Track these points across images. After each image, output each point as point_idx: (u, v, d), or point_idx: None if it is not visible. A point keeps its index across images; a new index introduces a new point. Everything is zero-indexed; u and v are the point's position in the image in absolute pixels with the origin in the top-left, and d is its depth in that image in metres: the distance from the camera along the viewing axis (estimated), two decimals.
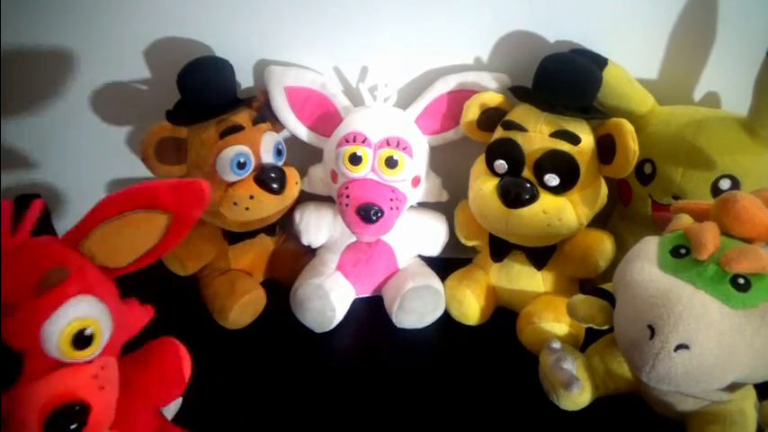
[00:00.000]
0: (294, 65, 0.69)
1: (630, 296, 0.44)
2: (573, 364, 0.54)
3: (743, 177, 0.56)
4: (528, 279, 0.66)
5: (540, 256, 0.65)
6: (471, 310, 0.66)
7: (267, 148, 0.66)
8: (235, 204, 0.63)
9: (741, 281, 0.41)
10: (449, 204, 0.72)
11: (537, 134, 0.59)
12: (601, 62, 0.62)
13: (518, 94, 0.63)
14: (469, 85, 0.66)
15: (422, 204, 0.72)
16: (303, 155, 0.71)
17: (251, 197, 0.63)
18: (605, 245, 0.61)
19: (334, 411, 0.58)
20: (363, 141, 0.64)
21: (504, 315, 0.68)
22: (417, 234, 0.72)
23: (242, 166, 0.63)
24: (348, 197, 0.64)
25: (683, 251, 0.44)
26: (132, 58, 0.70)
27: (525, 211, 0.58)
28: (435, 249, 0.73)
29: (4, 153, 0.78)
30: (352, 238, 0.70)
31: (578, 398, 0.54)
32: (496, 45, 0.67)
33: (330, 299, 0.65)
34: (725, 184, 0.57)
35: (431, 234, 0.72)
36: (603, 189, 0.62)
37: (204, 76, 0.63)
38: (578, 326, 0.60)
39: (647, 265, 0.45)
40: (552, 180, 0.58)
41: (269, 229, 0.71)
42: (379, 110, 0.68)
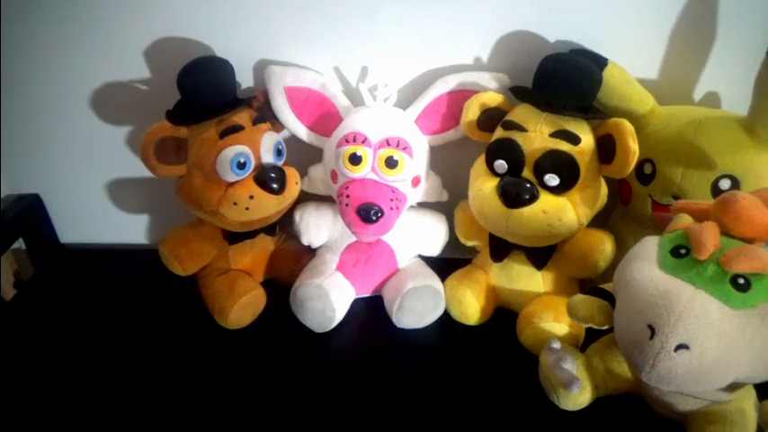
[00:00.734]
0: (294, 65, 0.69)
1: (630, 296, 0.44)
2: (573, 364, 0.54)
3: (743, 177, 0.56)
4: (528, 279, 0.66)
5: (540, 256, 0.65)
6: (471, 310, 0.66)
7: (267, 148, 0.66)
8: (235, 204, 0.63)
9: (741, 281, 0.41)
10: (449, 204, 0.72)
11: (537, 134, 0.59)
12: (601, 62, 0.62)
13: (518, 94, 0.63)
14: (469, 85, 0.66)
15: (422, 204, 0.72)
16: (303, 155, 0.71)
17: (251, 197, 0.63)
18: (605, 245, 0.61)
19: (335, 411, 0.58)
20: (363, 141, 0.64)
21: (504, 315, 0.68)
22: (417, 234, 0.72)
23: (242, 166, 0.63)
24: (348, 197, 0.64)
25: (683, 251, 0.44)
26: (132, 58, 0.70)
27: (525, 211, 0.58)
28: (435, 249, 0.73)
29: (4, 153, 0.78)
30: (352, 238, 0.70)
31: (578, 398, 0.54)
32: (496, 45, 0.67)
33: (330, 299, 0.65)
34: (725, 183, 0.57)
35: (431, 234, 0.72)
36: (603, 189, 0.62)
37: (204, 76, 0.63)
38: (578, 326, 0.60)
39: (646, 264, 0.45)
40: (552, 180, 0.58)
41: (269, 229, 0.71)
42: (379, 110, 0.68)
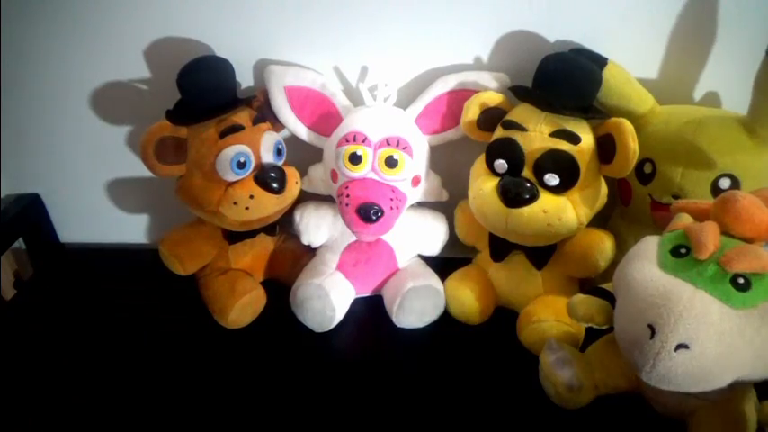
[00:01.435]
0: (294, 65, 0.69)
1: (631, 296, 0.44)
2: (572, 364, 0.54)
3: (743, 177, 0.56)
4: (528, 279, 0.66)
5: (540, 255, 0.65)
6: (471, 310, 0.66)
7: (267, 147, 0.66)
8: (235, 204, 0.63)
9: (741, 280, 0.41)
10: (449, 204, 0.72)
11: (537, 134, 0.59)
12: (601, 62, 0.62)
13: (518, 93, 0.63)
14: (469, 85, 0.66)
15: (422, 204, 0.72)
16: (303, 155, 0.71)
17: (251, 197, 0.63)
18: (605, 245, 0.61)
19: (335, 411, 0.58)
20: (363, 141, 0.64)
21: (504, 315, 0.68)
22: (417, 234, 0.72)
23: (242, 165, 0.63)
24: (348, 197, 0.64)
25: (683, 251, 0.44)
26: (132, 58, 0.70)
27: (525, 210, 0.58)
28: (435, 249, 0.73)
29: (4, 153, 0.78)
30: (352, 238, 0.70)
31: (578, 397, 0.54)
32: (496, 45, 0.67)
33: (330, 299, 0.65)
34: (725, 183, 0.57)
35: (431, 234, 0.72)
36: (603, 189, 0.62)
37: (204, 75, 0.63)
38: (578, 326, 0.60)
39: (647, 264, 0.45)
40: (552, 180, 0.58)
41: (269, 229, 0.71)
42: (379, 109, 0.68)
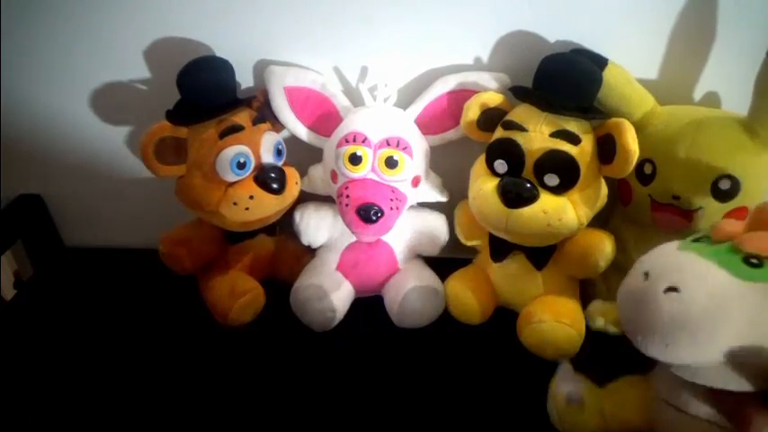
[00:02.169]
0: (294, 65, 0.69)
1: (640, 260, 0.43)
2: (580, 382, 0.52)
3: (743, 178, 0.56)
4: (528, 279, 0.66)
5: (540, 256, 0.65)
6: (471, 310, 0.66)
7: (267, 148, 0.66)
8: (235, 204, 0.63)
9: (754, 260, 0.39)
10: (449, 204, 0.72)
11: (537, 134, 0.59)
12: (601, 62, 0.62)
13: (518, 94, 0.63)
14: (469, 85, 0.66)
15: (422, 204, 0.72)
16: (303, 155, 0.71)
17: (251, 197, 0.63)
18: (605, 245, 0.61)
19: (335, 411, 0.58)
20: (363, 141, 0.64)
21: (504, 315, 0.68)
22: (417, 234, 0.72)
23: (242, 166, 0.63)
24: (348, 197, 0.64)
25: (703, 239, 0.43)
26: (132, 58, 0.70)
27: (525, 211, 0.58)
28: (435, 249, 0.73)
29: (4, 153, 0.78)
30: (353, 238, 0.70)
31: (579, 416, 0.51)
32: (496, 45, 0.67)
33: (330, 299, 0.65)
34: (725, 184, 0.57)
35: (431, 234, 0.72)
36: (603, 189, 0.62)
37: (204, 76, 0.63)
38: (579, 326, 0.60)
39: (665, 246, 0.44)
40: (552, 180, 0.58)
41: (269, 229, 0.71)
42: (378, 110, 0.68)
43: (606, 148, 0.59)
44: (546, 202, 0.58)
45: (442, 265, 0.72)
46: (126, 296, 0.74)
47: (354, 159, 0.64)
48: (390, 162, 0.64)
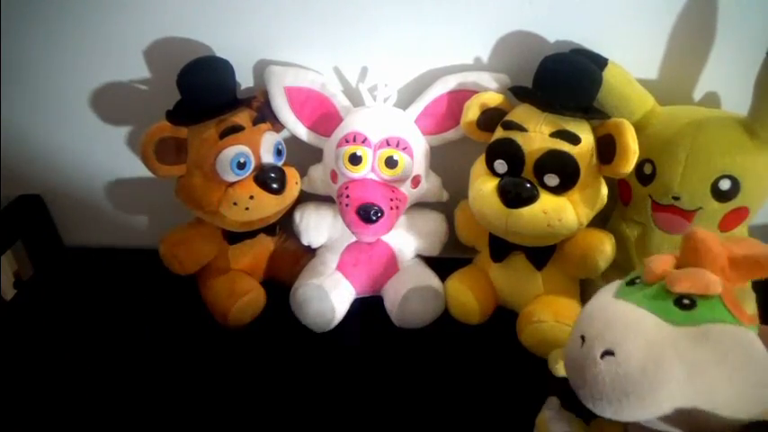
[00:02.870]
0: (294, 65, 0.69)
1: (578, 320, 0.43)
2: (570, 422, 0.50)
3: (743, 178, 0.56)
4: (528, 279, 0.66)
5: (540, 256, 0.65)
6: (471, 310, 0.66)
7: (267, 148, 0.66)
8: (235, 204, 0.63)
9: (686, 301, 0.39)
10: (449, 204, 0.72)
11: (537, 134, 0.59)
12: (601, 62, 0.62)
13: (518, 94, 0.63)
14: (469, 85, 0.66)
15: (422, 204, 0.72)
16: (303, 155, 0.71)
17: (251, 197, 0.63)
18: (605, 245, 0.61)
19: (335, 411, 0.58)
20: (363, 141, 0.64)
21: (504, 315, 0.68)
22: (417, 234, 0.72)
23: (242, 166, 0.63)
24: (348, 197, 0.64)
25: (637, 280, 0.43)
26: (132, 58, 0.70)
27: (525, 211, 0.58)
28: (435, 249, 0.73)
29: (4, 153, 0.78)
30: (353, 238, 0.70)
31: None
32: (496, 45, 0.67)
33: (330, 299, 0.65)
34: (725, 184, 0.57)
35: (431, 234, 0.72)
36: (603, 189, 0.62)
37: (204, 76, 0.63)
38: None
39: (603, 294, 0.44)
40: (552, 180, 0.58)
41: (269, 229, 0.71)
42: (378, 110, 0.68)
43: (606, 148, 0.59)
44: (546, 202, 0.58)
45: (442, 265, 0.72)
46: (126, 296, 0.74)
47: (354, 159, 0.64)
48: (390, 162, 0.64)
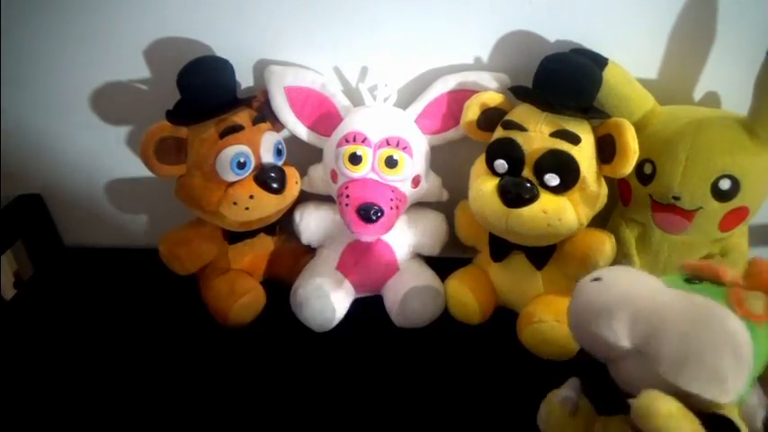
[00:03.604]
0: (294, 65, 0.69)
1: None
2: (579, 393, 0.50)
3: (743, 177, 0.56)
4: (528, 279, 0.66)
5: (540, 256, 0.65)
6: (471, 309, 0.66)
7: (267, 147, 0.66)
8: (235, 204, 0.63)
9: (695, 281, 0.42)
10: (449, 204, 0.72)
11: (537, 134, 0.59)
12: (601, 62, 0.62)
13: (518, 93, 0.63)
14: (469, 85, 0.66)
15: (422, 204, 0.72)
16: (303, 155, 0.71)
17: (251, 197, 0.63)
18: (605, 245, 0.61)
19: (335, 411, 0.58)
20: (363, 141, 0.64)
21: (504, 315, 0.68)
22: (417, 234, 0.72)
23: (242, 165, 0.63)
24: (348, 197, 0.64)
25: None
26: (132, 57, 0.70)
27: (525, 210, 0.58)
28: (435, 249, 0.73)
29: (4, 153, 0.78)
30: (353, 238, 0.70)
31: (568, 425, 0.48)
32: (496, 45, 0.67)
33: (330, 299, 0.65)
34: (725, 184, 0.57)
35: (431, 234, 0.72)
36: (603, 189, 0.62)
37: (204, 76, 0.63)
38: None
39: None
40: (552, 180, 0.58)
41: (269, 229, 0.71)
42: (378, 110, 0.68)
43: (606, 147, 0.59)
44: (546, 201, 0.58)
45: (442, 265, 0.72)
46: (126, 296, 0.74)
47: (354, 159, 0.64)
48: (390, 162, 0.64)
